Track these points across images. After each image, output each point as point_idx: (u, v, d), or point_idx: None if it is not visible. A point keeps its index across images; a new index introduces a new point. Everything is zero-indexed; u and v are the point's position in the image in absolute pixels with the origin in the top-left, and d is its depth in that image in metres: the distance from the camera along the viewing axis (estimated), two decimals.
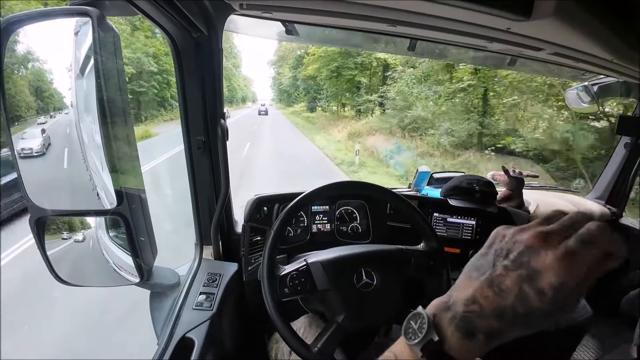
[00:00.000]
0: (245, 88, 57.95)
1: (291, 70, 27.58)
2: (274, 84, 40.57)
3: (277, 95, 40.96)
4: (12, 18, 0.55)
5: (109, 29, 0.57)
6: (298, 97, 29.03)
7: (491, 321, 0.30)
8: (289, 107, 34.07)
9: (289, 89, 30.66)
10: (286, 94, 33.38)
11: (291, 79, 28.54)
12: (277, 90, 39.06)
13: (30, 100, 0.66)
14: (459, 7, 0.68)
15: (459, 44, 1.12)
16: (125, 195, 0.62)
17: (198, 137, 0.99)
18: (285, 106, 36.03)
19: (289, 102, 33.65)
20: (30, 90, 0.67)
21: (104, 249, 0.76)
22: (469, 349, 0.30)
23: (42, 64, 0.66)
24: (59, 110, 0.67)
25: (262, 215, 1.18)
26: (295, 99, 30.50)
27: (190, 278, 1.01)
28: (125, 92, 0.66)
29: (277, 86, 37.91)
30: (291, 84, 28.90)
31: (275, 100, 44.82)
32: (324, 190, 0.90)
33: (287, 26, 0.99)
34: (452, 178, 1.38)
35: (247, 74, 65.59)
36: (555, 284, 0.27)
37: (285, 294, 0.77)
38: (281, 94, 36.64)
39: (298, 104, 30.25)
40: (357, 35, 1.12)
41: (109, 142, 0.59)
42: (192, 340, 0.81)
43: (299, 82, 25.12)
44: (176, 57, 0.89)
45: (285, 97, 34.79)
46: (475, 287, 0.31)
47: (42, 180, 0.66)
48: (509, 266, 0.29)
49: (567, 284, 0.27)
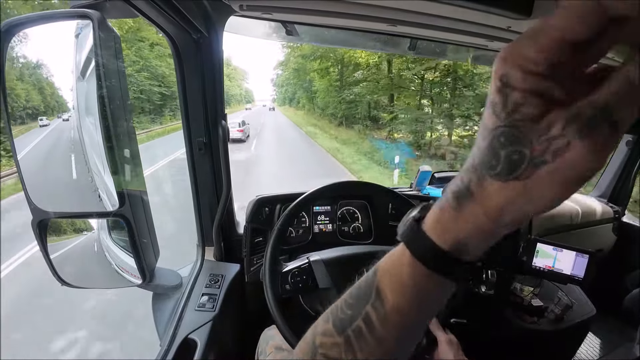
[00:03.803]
0: (239, 88, 57.66)
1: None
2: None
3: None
4: (13, 21, 0.56)
5: (109, 31, 0.58)
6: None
7: (461, 177, 0.24)
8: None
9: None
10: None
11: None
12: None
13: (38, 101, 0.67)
14: (459, 6, 0.68)
15: (459, 43, 1.12)
16: (127, 196, 0.62)
17: (199, 139, 0.99)
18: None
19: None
20: (34, 92, 0.68)
21: (106, 251, 0.76)
22: (444, 223, 0.25)
23: (39, 68, 0.67)
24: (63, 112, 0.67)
25: (263, 216, 1.18)
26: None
27: (193, 279, 1.01)
28: (127, 93, 0.66)
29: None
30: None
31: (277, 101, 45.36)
32: (326, 190, 0.90)
33: (287, 27, 0.99)
34: (453, 177, 1.37)
35: (244, 71, 64.87)
36: (502, 75, 0.20)
37: (286, 291, 0.77)
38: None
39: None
40: (357, 35, 1.12)
41: (110, 144, 0.59)
42: (195, 341, 0.81)
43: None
44: (177, 58, 0.90)
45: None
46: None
47: (44, 182, 0.66)
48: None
49: (523, 68, 0.20)
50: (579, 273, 1.15)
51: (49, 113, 0.87)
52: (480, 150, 0.22)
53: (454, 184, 0.25)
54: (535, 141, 0.20)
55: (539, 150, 0.20)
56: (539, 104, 0.20)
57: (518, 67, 0.20)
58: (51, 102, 0.75)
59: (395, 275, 0.27)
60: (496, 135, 0.21)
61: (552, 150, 0.19)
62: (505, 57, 0.20)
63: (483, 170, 0.22)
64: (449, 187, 0.25)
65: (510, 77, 0.20)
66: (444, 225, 0.25)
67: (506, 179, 0.21)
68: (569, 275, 1.17)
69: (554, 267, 1.18)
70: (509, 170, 0.21)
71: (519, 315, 1.23)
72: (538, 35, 0.19)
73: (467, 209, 0.23)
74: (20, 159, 0.60)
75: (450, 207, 0.24)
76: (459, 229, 0.24)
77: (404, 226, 0.28)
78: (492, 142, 0.21)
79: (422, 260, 0.25)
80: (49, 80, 0.72)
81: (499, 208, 0.22)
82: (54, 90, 0.71)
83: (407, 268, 0.26)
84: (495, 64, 0.21)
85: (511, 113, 0.20)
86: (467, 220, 0.23)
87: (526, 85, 0.20)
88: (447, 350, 0.70)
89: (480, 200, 0.22)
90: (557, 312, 1.19)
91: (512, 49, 0.20)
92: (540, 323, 1.21)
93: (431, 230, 0.25)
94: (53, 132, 0.71)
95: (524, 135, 0.20)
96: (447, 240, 0.24)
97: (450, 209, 0.24)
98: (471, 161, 0.23)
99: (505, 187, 0.21)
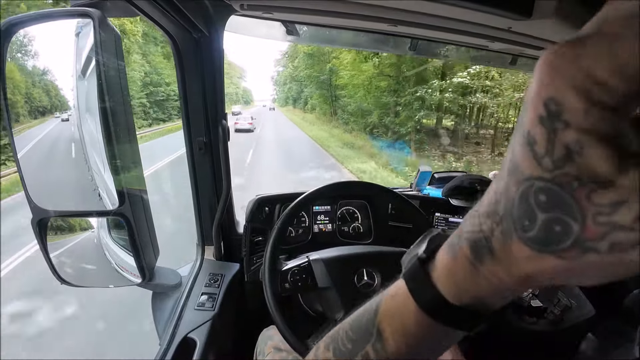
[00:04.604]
0: (235, 86, 56.72)
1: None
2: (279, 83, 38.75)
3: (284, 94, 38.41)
4: (13, 19, 0.56)
5: (110, 29, 0.58)
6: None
7: (477, 222, 0.19)
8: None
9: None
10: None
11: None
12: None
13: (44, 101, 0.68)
14: (460, 7, 0.68)
15: (460, 43, 1.12)
16: (127, 195, 0.62)
17: (199, 138, 0.99)
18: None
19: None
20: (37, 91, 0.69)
21: (106, 250, 0.76)
22: (454, 274, 0.21)
23: (46, 74, 0.67)
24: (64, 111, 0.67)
25: (263, 215, 1.18)
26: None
27: (192, 278, 1.01)
28: (127, 92, 0.66)
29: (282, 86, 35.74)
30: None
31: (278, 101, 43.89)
32: (325, 190, 0.90)
33: (288, 26, 0.99)
34: (453, 178, 1.37)
35: (241, 68, 63.75)
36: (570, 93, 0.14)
37: (285, 289, 0.78)
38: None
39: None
40: (358, 35, 1.12)
41: (110, 143, 0.59)
42: (194, 340, 0.81)
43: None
44: (177, 57, 0.89)
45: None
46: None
47: (44, 180, 0.66)
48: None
49: (591, 90, 0.14)
50: None
51: (53, 111, 0.91)
52: (508, 195, 0.16)
53: (471, 227, 0.19)
54: (590, 218, 0.13)
55: (593, 234, 0.13)
56: (606, 158, 0.13)
57: (579, 90, 0.13)
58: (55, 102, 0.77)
59: (399, 321, 0.24)
60: (535, 189, 0.15)
61: (610, 241, 0.13)
62: (558, 67, 0.13)
63: (510, 226, 0.16)
64: (465, 229, 0.20)
65: (564, 105, 0.13)
66: (458, 281, 0.21)
67: (541, 250, 0.15)
68: None
69: None
70: (546, 242, 0.15)
71: (518, 315, 1.23)
72: (617, 44, 0.12)
73: (487, 266, 0.18)
74: (20, 158, 0.60)
75: (466, 259, 0.20)
76: (476, 287, 0.20)
77: (408, 263, 0.24)
78: (528, 195, 0.15)
79: (430, 313, 0.22)
80: (54, 84, 0.72)
81: (528, 276, 0.17)
82: (57, 92, 0.71)
83: (412, 316, 0.23)
84: (539, 74, 0.14)
85: (560, 164, 0.14)
86: (487, 278, 0.19)
87: (588, 124, 0.13)
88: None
89: (504, 263, 0.17)
90: (557, 312, 1.19)
91: (570, 56, 0.13)
92: (540, 324, 1.21)
93: (442, 282, 0.21)
94: (53, 131, 0.71)
95: (576, 202, 0.14)
96: (462, 298, 0.21)
97: (466, 262, 0.20)
98: (494, 204, 0.18)
99: (539, 258, 0.16)
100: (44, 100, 0.87)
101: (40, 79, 0.73)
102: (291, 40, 1.11)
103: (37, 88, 2.40)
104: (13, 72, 3.32)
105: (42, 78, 0.72)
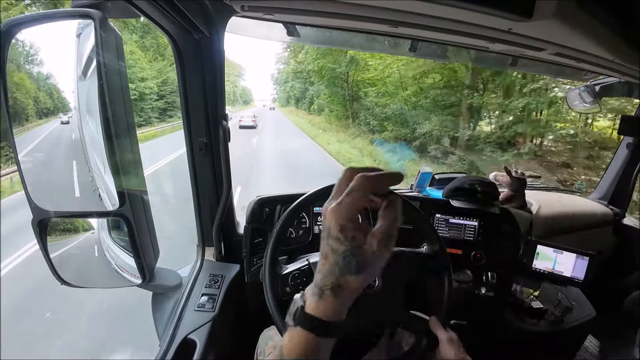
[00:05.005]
0: (233, 85, 55.47)
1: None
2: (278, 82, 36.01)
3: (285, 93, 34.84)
4: (14, 20, 0.56)
5: (111, 30, 0.58)
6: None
7: (327, 279, 0.39)
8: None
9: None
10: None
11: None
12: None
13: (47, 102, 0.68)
14: (460, 8, 0.68)
15: (460, 44, 1.12)
16: (127, 196, 0.62)
17: (200, 139, 0.99)
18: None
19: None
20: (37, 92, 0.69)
21: (106, 250, 0.76)
22: (324, 306, 0.39)
23: (49, 78, 0.67)
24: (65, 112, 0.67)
25: (264, 216, 1.18)
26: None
27: (192, 279, 1.01)
28: (128, 93, 0.66)
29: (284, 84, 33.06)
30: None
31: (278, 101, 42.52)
32: (326, 191, 0.89)
33: (289, 27, 0.99)
34: (454, 179, 1.37)
35: (240, 66, 62.33)
36: (339, 227, 0.37)
37: (287, 293, 0.77)
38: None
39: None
40: (358, 37, 1.12)
41: (111, 143, 0.59)
42: (194, 341, 0.81)
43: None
44: (178, 58, 0.90)
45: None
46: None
47: (44, 181, 0.66)
48: (322, 236, 0.40)
49: (346, 224, 0.37)
50: (579, 275, 1.15)
51: (56, 112, 0.92)
52: (337, 263, 0.38)
53: (324, 282, 0.39)
54: (363, 254, 0.38)
55: (366, 257, 0.38)
56: (360, 236, 0.38)
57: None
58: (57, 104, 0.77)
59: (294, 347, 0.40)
60: (345, 254, 0.37)
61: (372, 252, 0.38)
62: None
63: (344, 272, 0.38)
64: (319, 284, 0.40)
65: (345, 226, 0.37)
66: (326, 309, 0.39)
67: (357, 273, 0.38)
68: (569, 278, 1.16)
69: (554, 269, 1.18)
70: (357, 270, 0.38)
71: (519, 317, 1.23)
72: (345, 208, 0.38)
73: (342, 294, 0.39)
74: (21, 158, 0.60)
75: (330, 297, 0.39)
76: (340, 306, 0.40)
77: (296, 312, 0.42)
78: (345, 257, 0.37)
79: (315, 332, 0.39)
80: (56, 87, 0.72)
81: (360, 286, 0.39)
82: (59, 94, 0.71)
83: (306, 342, 0.40)
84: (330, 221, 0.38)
85: (351, 241, 0.37)
86: (342, 298, 0.39)
87: (351, 230, 0.37)
88: (449, 348, 0.69)
89: (347, 287, 0.39)
90: (557, 314, 1.19)
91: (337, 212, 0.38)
92: (540, 325, 1.20)
93: (316, 312, 0.40)
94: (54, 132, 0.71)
95: (359, 250, 0.38)
96: (332, 316, 0.40)
97: (330, 298, 0.39)
98: (333, 271, 0.38)
99: (358, 277, 0.38)
100: (48, 103, 0.87)
101: (44, 84, 0.73)
102: (292, 41, 1.11)
103: (41, 92, 2.50)
104: (24, 79, 3.37)
105: (46, 83, 0.73)
